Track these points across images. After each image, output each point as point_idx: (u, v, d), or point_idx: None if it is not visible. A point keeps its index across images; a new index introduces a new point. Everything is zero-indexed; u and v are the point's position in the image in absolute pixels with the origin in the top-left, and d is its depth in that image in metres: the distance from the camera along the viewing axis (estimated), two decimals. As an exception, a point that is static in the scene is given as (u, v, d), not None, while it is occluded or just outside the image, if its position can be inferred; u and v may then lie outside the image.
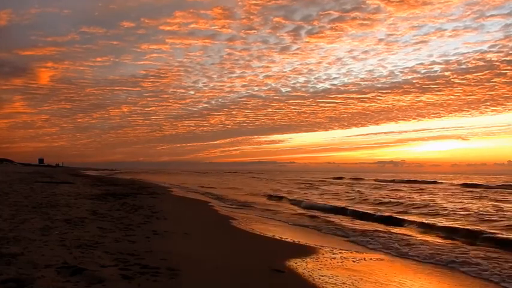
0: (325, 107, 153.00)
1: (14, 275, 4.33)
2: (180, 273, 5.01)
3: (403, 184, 43.52)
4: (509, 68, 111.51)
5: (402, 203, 19.39)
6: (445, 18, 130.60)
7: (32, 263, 4.88)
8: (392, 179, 57.21)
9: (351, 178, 62.00)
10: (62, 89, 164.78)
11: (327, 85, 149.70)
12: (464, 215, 14.79)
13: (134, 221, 9.44)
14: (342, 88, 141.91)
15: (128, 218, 9.90)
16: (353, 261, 7.45)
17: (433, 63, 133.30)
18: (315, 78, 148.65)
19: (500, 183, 41.67)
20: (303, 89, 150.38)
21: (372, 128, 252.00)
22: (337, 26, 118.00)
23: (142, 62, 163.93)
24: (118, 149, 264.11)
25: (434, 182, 45.44)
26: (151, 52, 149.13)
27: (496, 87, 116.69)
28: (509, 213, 15.30)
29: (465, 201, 21.33)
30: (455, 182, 46.84)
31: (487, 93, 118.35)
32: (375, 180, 54.96)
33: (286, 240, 9.37)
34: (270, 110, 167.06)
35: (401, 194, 27.12)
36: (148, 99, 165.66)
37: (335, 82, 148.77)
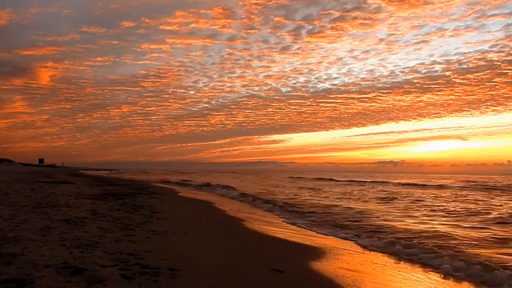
0: (325, 107, 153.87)
1: (14, 275, 4.32)
2: (181, 273, 5.00)
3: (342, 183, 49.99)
4: (510, 67, 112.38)
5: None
6: (446, 17, 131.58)
7: (32, 263, 4.87)
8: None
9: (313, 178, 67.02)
10: (62, 89, 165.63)
11: (327, 85, 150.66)
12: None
13: (134, 221, 9.43)
14: (343, 88, 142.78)
15: (128, 218, 9.88)
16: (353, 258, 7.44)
17: (434, 63, 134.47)
18: (316, 78, 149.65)
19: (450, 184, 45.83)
20: (304, 89, 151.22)
21: (372, 128, 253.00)
22: (337, 25, 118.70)
23: (142, 62, 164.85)
24: (118, 149, 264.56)
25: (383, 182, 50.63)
26: (151, 52, 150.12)
27: (497, 87, 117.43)
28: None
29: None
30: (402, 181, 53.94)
31: (487, 93, 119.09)
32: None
33: (287, 240, 9.37)
34: (270, 110, 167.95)
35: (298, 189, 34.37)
36: (149, 99, 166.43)
37: (335, 82, 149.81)
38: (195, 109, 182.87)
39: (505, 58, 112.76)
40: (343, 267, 6.94)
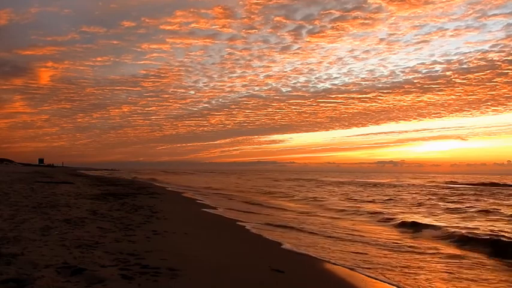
0: (325, 106, 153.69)
1: (14, 275, 4.32)
2: (181, 273, 5.00)
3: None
4: (510, 67, 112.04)
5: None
6: (447, 17, 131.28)
7: (32, 263, 4.87)
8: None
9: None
10: (62, 89, 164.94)
11: (327, 85, 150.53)
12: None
13: (134, 221, 9.44)
14: (343, 88, 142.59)
15: (128, 218, 9.89)
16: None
17: (434, 62, 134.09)
18: (316, 78, 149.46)
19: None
20: (304, 89, 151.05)
21: (372, 128, 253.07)
22: (338, 25, 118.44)
23: (142, 62, 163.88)
24: (118, 149, 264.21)
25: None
26: (151, 52, 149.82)
27: (498, 87, 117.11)
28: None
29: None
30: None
31: (488, 93, 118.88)
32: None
33: (287, 239, 9.35)
34: (270, 110, 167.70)
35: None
36: (149, 99, 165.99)
37: (336, 82, 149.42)
38: (195, 109, 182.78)
39: (506, 58, 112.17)
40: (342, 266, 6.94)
